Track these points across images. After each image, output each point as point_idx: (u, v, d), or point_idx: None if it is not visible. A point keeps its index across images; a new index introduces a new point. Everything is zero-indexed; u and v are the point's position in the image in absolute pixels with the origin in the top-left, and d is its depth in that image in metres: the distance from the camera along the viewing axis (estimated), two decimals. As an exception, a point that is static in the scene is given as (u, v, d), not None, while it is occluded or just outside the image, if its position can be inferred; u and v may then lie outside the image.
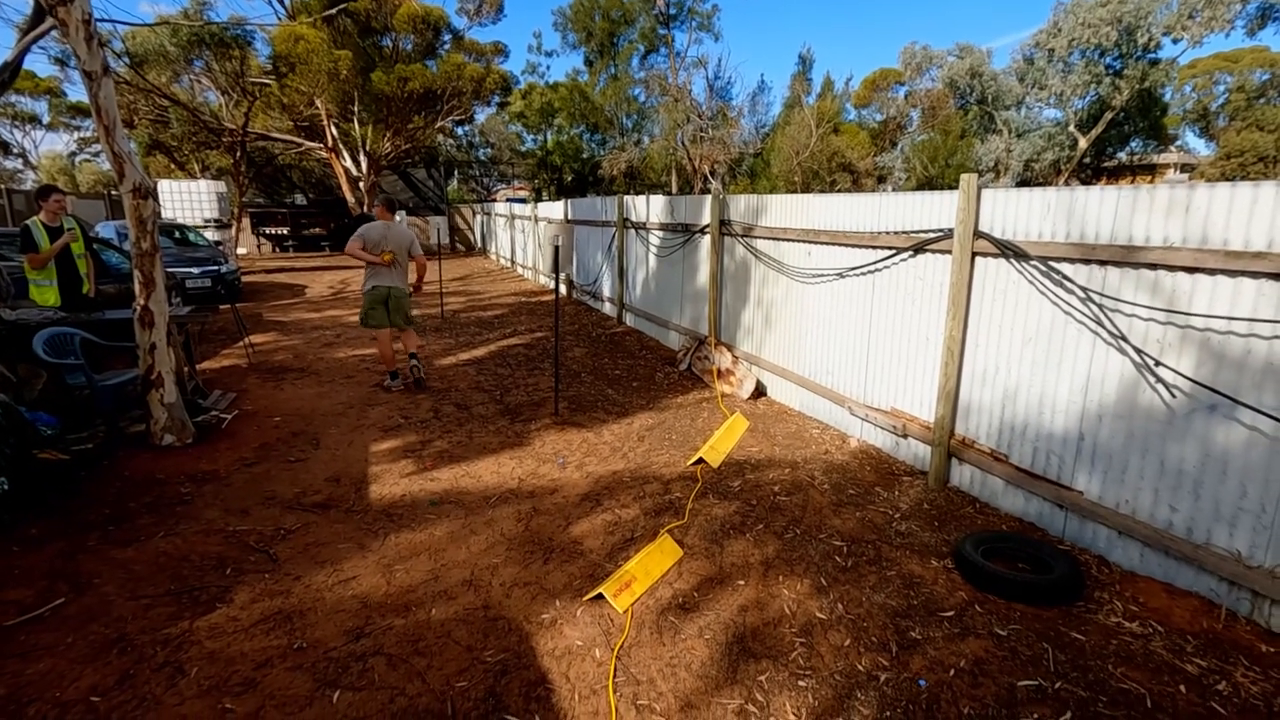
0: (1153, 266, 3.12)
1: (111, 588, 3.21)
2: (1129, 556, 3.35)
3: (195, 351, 6.90)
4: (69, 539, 3.64)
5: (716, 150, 27.21)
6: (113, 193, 23.71)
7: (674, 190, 29.43)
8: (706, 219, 7.29)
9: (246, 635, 2.89)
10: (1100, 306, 3.36)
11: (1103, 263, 3.34)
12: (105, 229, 12.42)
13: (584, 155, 33.73)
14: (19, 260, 6.75)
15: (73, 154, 38.44)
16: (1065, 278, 3.51)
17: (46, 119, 35.73)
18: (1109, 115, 24.16)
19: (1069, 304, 3.53)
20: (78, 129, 34.81)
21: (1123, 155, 27.84)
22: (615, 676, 2.68)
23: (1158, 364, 3.13)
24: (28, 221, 5.81)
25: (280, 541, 3.72)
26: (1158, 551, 3.21)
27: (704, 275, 7.51)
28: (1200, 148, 36.82)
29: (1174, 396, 3.09)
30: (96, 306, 6.23)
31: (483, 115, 31.57)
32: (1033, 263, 3.67)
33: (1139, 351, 3.21)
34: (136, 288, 4.82)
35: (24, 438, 4.20)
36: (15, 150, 37.42)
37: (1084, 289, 3.42)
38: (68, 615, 3.00)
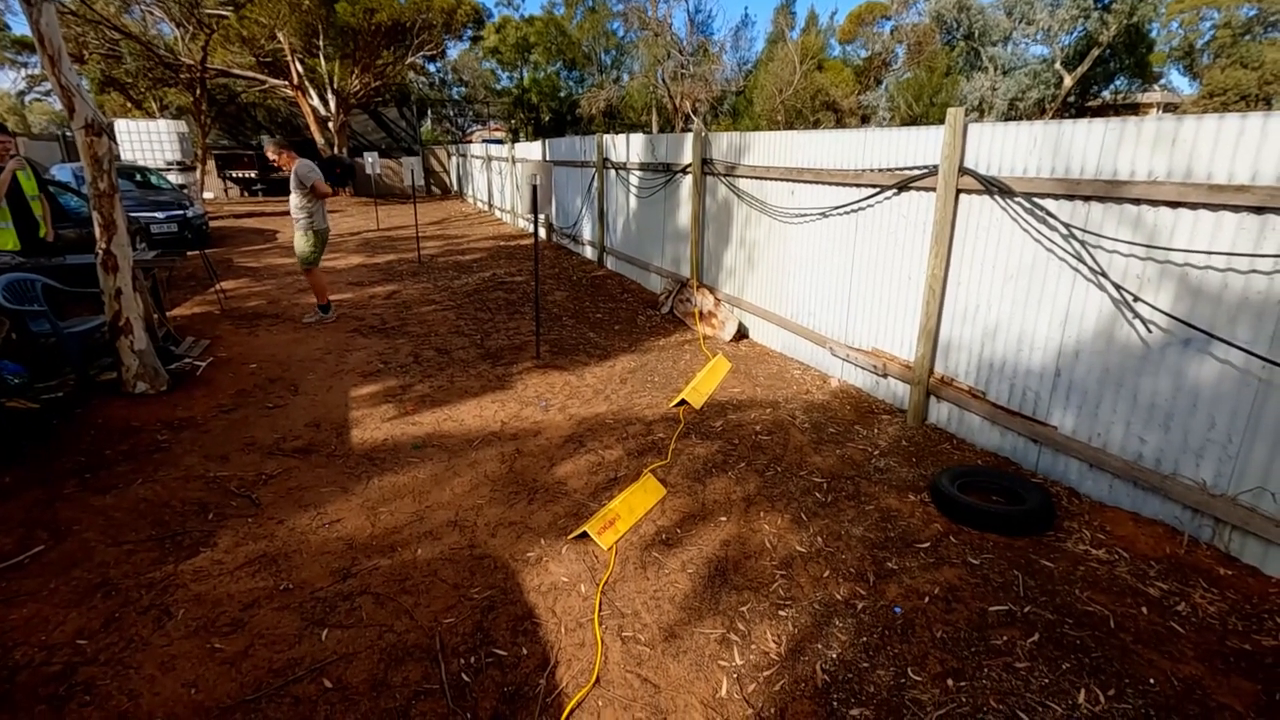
0: (1136, 201, 3.11)
1: (92, 534, 3.19)
2: (1099, 488, 3.45)
3: (165, 298, 6.70)
4: (45, 487, 3.59)
5: (698, 88, 26.50)
6: (67, 134, 22.60)
7: (654, 130, 28.73)
8: (688, 158, 7.13)
9: (232, 578, 2.90)
10: (1082, 243, 3.36)
11: (1086, 198, 3.32)
12: (61, 171, 11.86)
13: (561, 94, 32.67)
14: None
15: (21, 93, 36.42)
16: (1049, 214, 3.49)
17: (-10, 54, 33.65)
18: (1095, 52, 23.78)
19: (1051, 241, 3.52)
20: (24, 65, 32.87)
21: (1107, 94, 27.56)
22: (600, 610, 2.74)
23: (1136, 300, 3.16)
24: (-25, 162, 5.51)
25: (262, 486, 3.71)
26: (1126, 482, 3.31)
27: (685, 216, 7.39)
28: (1184, 86, 36.53)
29: (1150, 332, 3.13)
30: (56, 251, 5.99)
31: (455, 51, 30.34)
32: (1017, 199, 3.64)
33: (1118, 288, 3.22)
34: (97, 230, 4.63)
35: (-10, 386, 4.09)
36: (-42, 88, 35.36)
37: (1067, 225, 3.41)
38: (49, 562, 2.98)
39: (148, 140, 16.60)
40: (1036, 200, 3.55)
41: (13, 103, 36.61)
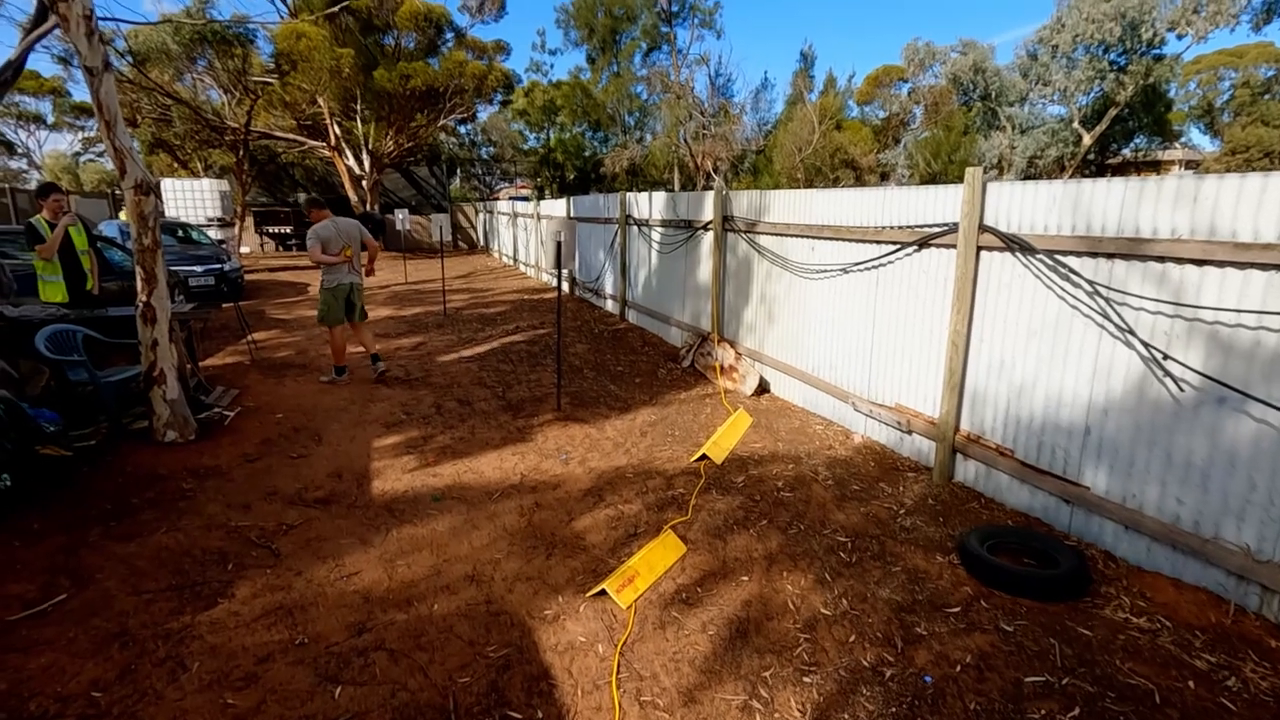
0: (1160, 259, 3.09)
1: (113, 582, 3.21)
2: (1136, 550, 3.32)
3: (198, 349, 6.90)
4: (70, 534, 3.64)
5: (719, 147, 27.17)
6: (116, 191, 23.75)
7: (676, 187, 29.39)
8: (709, 215, 7.26)
9: (248, 630, 2.88)
10: (1107, 300, 3.33)
11: (1109, 255, 3.31)
12: (108, 227, 12.43)
13: (586, 153, 33.68)
14: (22, 259, 6.77)
15: (77, 154, 38.56)
16: (1072, 271, 3.48)
17: (50, 119, 35.81)
18: (1113, 111, 24.04)
19: (1075, 297, 3.50)
20: (81, 129, 34.88)
21: (1127, 151, 27.70)
22: (618, 672, 2.67)
23: (1166, 357, 3.10)
24: (31, 219, 5.82)
25: (282, 536, 3.71)
26: (1165, 545, 3.19)
27: (706, 271, 7.48)
28: (1205, 144, 36.64)
29: (1182, 390, 3.06)
30: (100, 303, 6.23)
31: (485, 113, 31.54)
32: (1039, 256, 3.64)
33: (1146, 345, 3.18)
34: (139, 284, 4.81)
35: (26, 434, 4.20)
36: (20, 150, 37.53)
37: (1091, 282, 3.39)
38: (69, 610, 2.99)
39: (191, 198, 17.38)
40: (1058, 257, 3.55)
41: (68, 162, 38.69)
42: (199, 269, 12.02)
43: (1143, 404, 3.23)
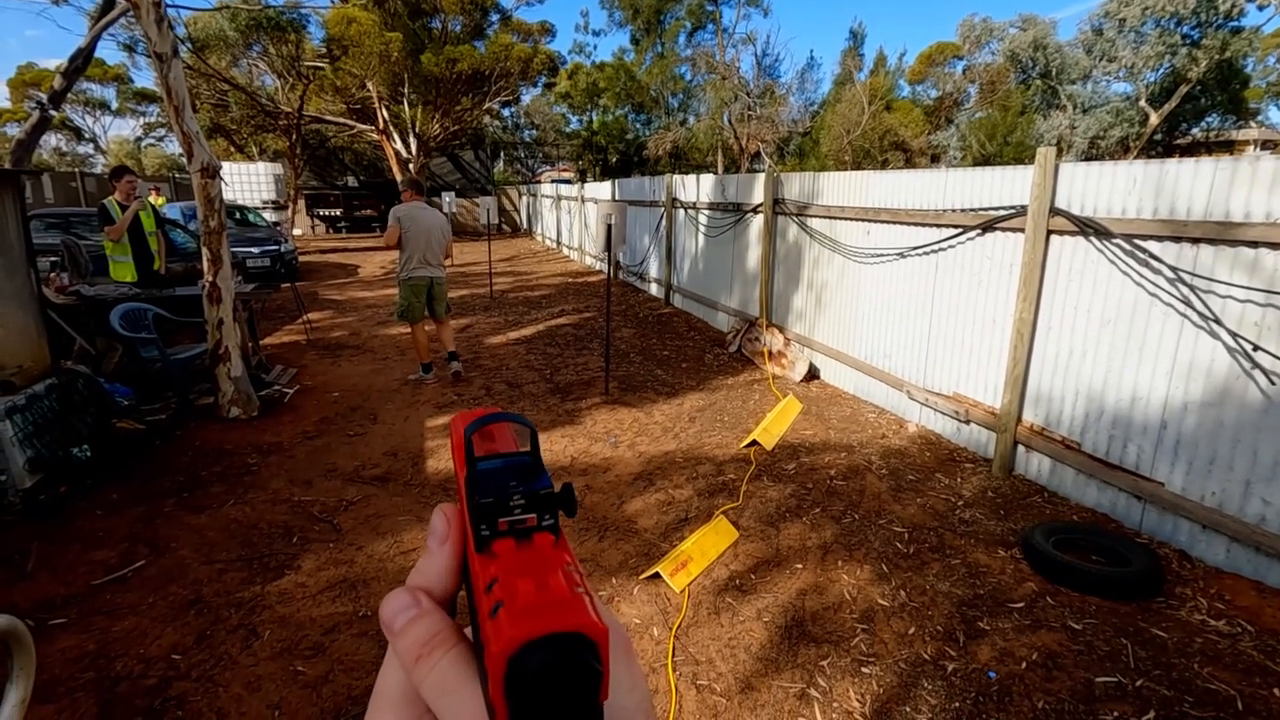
0: (1253, 244, 2.91)
1: (187, 551, 3.35)
2: (1214, 552, 3.17)
3: (257, 328, 7.12)
4: (147, 505, 3.81)
5: (764, 129, 26.70)
6: (177, 175, 24.61)
7: (719, 171, 29.04)
8: (759, 198, 7.14)
9: (314, 602, 2.97)
10: (1191, 287, 3.16)
11: (1195, 240, 3.13)
12: (171, 210, 12.88)
13: (629, 136, 33.49)
14: (95, 240, 7.07)
15: (139, 139, 40.00)
16: (1152, 256, 3.31)
17: (115, 105, 37.23)
18: (1184, 89, 22.78)
19: (1155, 284, 3.33)
20: (143, 115, 36.19)
21: (1197, 131, 26.25)
22: (674, 656, 2.67)
23: (1256, 349, 2.93)
24: (104, 201, 6.06)
25: (342, 512, 3.82)
26: (1247, 547, 3.03)
27: (755, 256, 7.38)
28: (1285, 123, 34.43)
29: (1273, 384, 2.89)
30: (166, 284, 6.47)
31: (528, 97, 31.64)
32: (1115, 241, 3.47)
33: (1234, 335, 3.01)
34: (205, 265, 4.98)
35: (103, 408, 4.40)
36: (87, 136, 39.13)
37: (1173, 268, 3.22)
38: (148, 577, 3.14)
39: (247, 181, 17.90)
40: (1138, 242, 3.38)
41: (131, 148, 40.21)
42: (256, 250, 12.37)
43: (1228, 398, 3.07)
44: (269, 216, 16.83)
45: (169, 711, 2.34)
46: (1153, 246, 3.32)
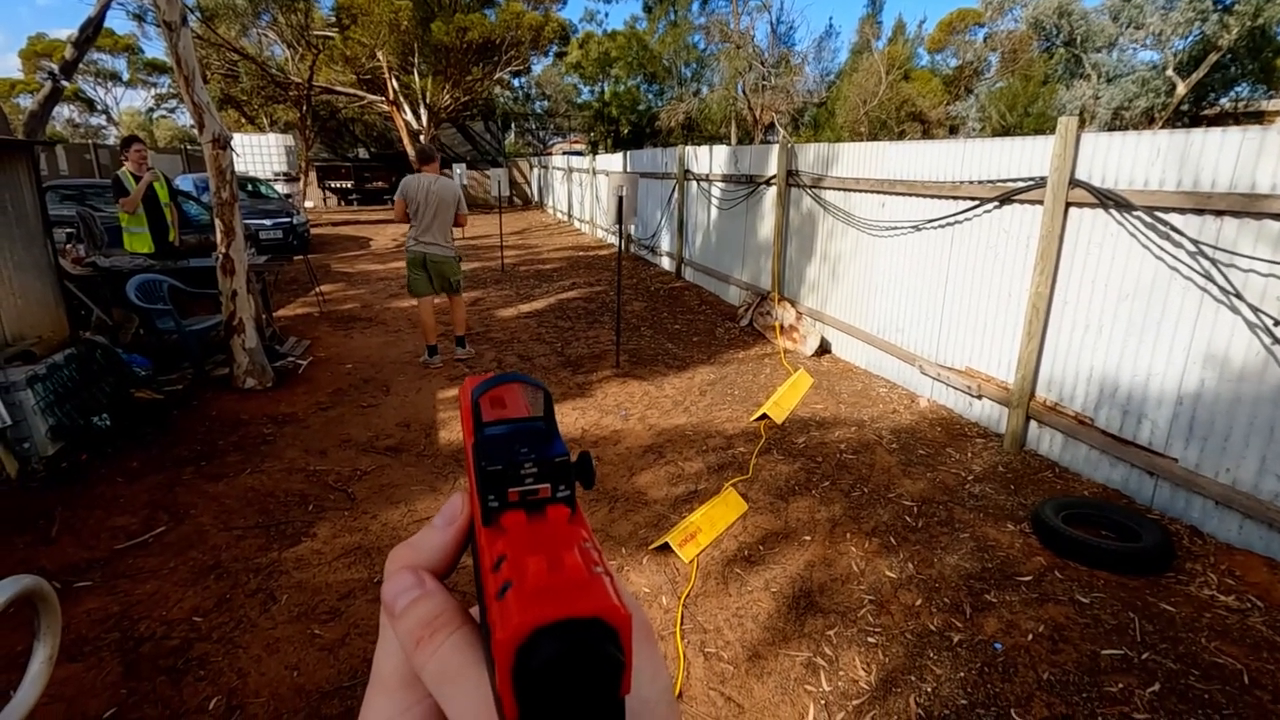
0: (1278, 217, 2.85)
1: (206, 519, 3.42)
2: (1226, 528, 3.16)
3: (270, 300, 7.16)
4: (166, 473, 3.88)
5: (778, 100, 26.22)
6: (189, 147, 24.60)
7: (733, 142, 28.63)
8: (773, 170, 7.05)
9: (330, 568, 3.03)
10: (1213, 261, 3.10)
11: (1219, 213, 3.06)
12: (183, 182, 12.90)
13: (641, 107, 33.02)
14: (110, 211, 7.10)
15: (150, 110, 39.93)
16: (1174, 229, 3.24)
17: (126, 76, 37.15)
18: (1213, 57, 22.08)
19: (1175, 258, 3.27)
20: (154, 85, 36.09)
21: (1225, 101, 25.50)
22: (682, 624, 2.71)
23: (1277, 324, 2.88)
24: (117, 171, 6.07)
25: (357, 482, 3.88)
26: (1260, 524, 3.02)
27: (768, 228, 7.30)
28: (1317, 92, 33.36)
29: (1293, 359, 2.85)
30: (181, 255, 6.51)
31: (539, 67, 31.18)
32: (1136, 213, 3.41)
33: (1256, 310, 2.95)
34: (218, 236, 5.00)
35: (122, 378, 4.47)
36: (99, 107, 39.12)
37: (1195, 241, 3.16)
38: (168, 542, 3.21)
39: (258, 153, 17.87)
40: (1159, 215, 3.31)
41: (142, 119, 40.18)
42: (269, 223, 12.39)
43: (1246, 374, 3.03)
44: (281, 189, 16.82)
45: (191, 671, 2.41)
46: (1174, 219, 3.25)
